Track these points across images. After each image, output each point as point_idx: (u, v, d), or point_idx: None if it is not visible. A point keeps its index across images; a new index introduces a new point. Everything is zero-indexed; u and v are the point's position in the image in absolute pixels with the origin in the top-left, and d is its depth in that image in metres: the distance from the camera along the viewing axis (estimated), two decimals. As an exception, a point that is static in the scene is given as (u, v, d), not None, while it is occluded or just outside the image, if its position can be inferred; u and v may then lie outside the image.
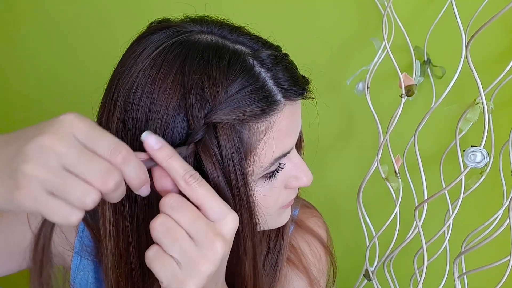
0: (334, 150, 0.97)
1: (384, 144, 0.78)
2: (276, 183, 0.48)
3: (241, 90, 0.42)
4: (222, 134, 0.41)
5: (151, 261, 0.38)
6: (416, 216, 0.74)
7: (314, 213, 0.65)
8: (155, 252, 0.38)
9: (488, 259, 0.68)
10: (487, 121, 0.64)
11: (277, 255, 0.56)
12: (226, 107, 0.41)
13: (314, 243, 0.61)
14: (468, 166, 0.65)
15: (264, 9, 0.92)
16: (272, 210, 0.49)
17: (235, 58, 0.43)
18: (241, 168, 0.42)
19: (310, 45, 0.90)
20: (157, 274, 0.38)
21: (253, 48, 0.45)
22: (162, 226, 0.38)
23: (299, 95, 0.46)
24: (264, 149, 0.44)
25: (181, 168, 0.39)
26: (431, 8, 0.81)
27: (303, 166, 0.49)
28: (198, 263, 0.38)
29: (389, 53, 0.75)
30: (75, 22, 1.07)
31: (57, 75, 1.13)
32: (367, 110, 0.80)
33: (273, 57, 0.45)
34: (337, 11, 0.88)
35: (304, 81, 0.47)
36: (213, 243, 0.38)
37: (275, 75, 0.44)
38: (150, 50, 0.44)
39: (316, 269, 0.60)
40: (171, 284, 0.38)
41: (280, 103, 0.44)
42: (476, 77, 0.63)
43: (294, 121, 0.47)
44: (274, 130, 0.44)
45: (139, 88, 0.43)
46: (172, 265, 0.38)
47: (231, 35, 0.45)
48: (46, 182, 0.33)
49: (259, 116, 0.43)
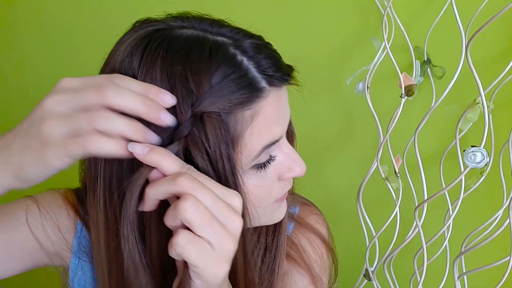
0: (334, 150, 0.97)
1: (384, 144, 0.78)
2: (268, 174, 0.47)
3: (224, 79, 0.42)
4: (208, 124, 0.41)
5: (184, 248, 0.38)
6: (416, 216, 0.74)
7: (314, 211, 0.65)
8: (187, 237, 0.38)
9: (488, 259, 0.68)
10: (487, 121, 0.64)
11: (274, 252, 0.56)
12: (211, 96, 0.41)
13: (315, 240, 0.61)
14: (468, 166, 0.65)
15: (264, 9, 0.92)
16: (266, 202, 0.49)
17: (216, 48, 0.43)
18: (229, 156, 0.42)
19: (310, 45, 0.91)
20: (192, 259, 0.38)
21: (234, 38, 0.45)
22: (195, 208, 0.38)
23: (284, 81, 0.46)
24: (251, 137, 0.44)
25: (176, 164, 0.40)
26: (431, 8, 0.81)
27: (295, 156, 0.49)
28: (227, 241, 0.39)
29: (389, 53, 0.75)
30: (75, 21, 1.07)
31: (56, 75, 1.13)
32: (367, 110, 0.80)
33: (255, 45, 0.45)
34: (337, 11, 0.88)
35: (288, 68, 0.47)
36: (234, 220, 0.39)
37: (258, 62, 0.44)
38: (130, 47, 0.44)
39: (318, 266, 0.60)
40: (208, 267, 0.38)
41: (265, 89, 0.44)
42: (476, 77, 0.63)
43: (280, 108, 0.47)
44: (260, 118, 0.44)
45: None
46: (207, 247, 0.38)
47: (212, 28, 0.46)
48: (65, 126, 0.38)
49: (244, 104, 0.43)
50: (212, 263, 0.38)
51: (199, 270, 0.38)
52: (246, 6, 0.92)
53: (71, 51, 1.10)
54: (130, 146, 0.40)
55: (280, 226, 0.57)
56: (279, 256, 0.56)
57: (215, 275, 0.39)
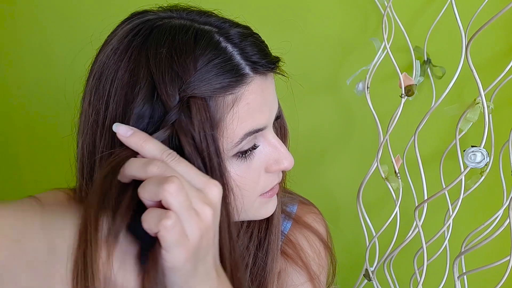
0: (334, 150, 0.97)
1: (384, 144, 0.78)
2: (254, 165, 0.48)
3: (208, 63, 0.43)
4: (194, 108, 0.42)
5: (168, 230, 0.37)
6: (416, 216, 0.74)
7: (312, 210, 0.65)
8: (174, 221, 0.37)
9: (488, 259, 0.68)
10: (487, 121, 0.64)
11: (266, 248, 0.56)
12: (196, 80, 0.42)
13: (313, 239, 0.61)
14: (468, 166, 0.65)
15: (264, 9, 0.92)
16: (252, 194, 0.49)
17: (201, 34, 0.44)
18: (213, 136, 0.42)
19: (310, 45, 0.91)
20: (167, 238, 0.37)
21: (221, 27, 0.46)
22: (179, 192, 0.37)
23: (269, 69, 0.46)
24: (233, 122, 0.44)
25: (156, 149, 0.40)
26: (431, 8, 0.81)
27: (283, 149, 0.49)
28: (196, 228, 0.38)
29: (389, 53, 0.75)
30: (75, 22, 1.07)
31: (56, 75, 1.13)
32: (367, 110, 0.80)
33: (241, 33, 0.46)
34: (337, 11, 0.88)
35: (274, 57, 0.48)
36: (205, 210, 0.39)
37: (243, 49, 0.45)
38: (118, 34, 0.46)
39: (315, 264, 0.60)
40: (175, 248, 0.38)
41: (248, 76, 0.45)
42: (476, 77, 0.63)
43: (265, 96, 0.47)
44: (242, 104, 0.44)
45: (106, 74, 0.44)
46: (181, 230, 0.38)
47: (199, 18, 0.47)
48: None
49: (226, 89, 0.43)
50: (181, 247, 0.38)
51: (169, 250, 0.38)
52: (246, 6, 0.92)
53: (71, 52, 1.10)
54: (115, 126, 0.41)
55: (272, 222, 0.56)
56: (272, 252, 0.56)
57: (177, 259, 0.38)
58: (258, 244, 0.56)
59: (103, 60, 0.45)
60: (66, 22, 1.08)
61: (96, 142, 0.45)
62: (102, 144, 0.44)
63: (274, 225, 0.57)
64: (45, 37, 1.11)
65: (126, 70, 0.43)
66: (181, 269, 0.39)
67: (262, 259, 0.56)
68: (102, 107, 0.44)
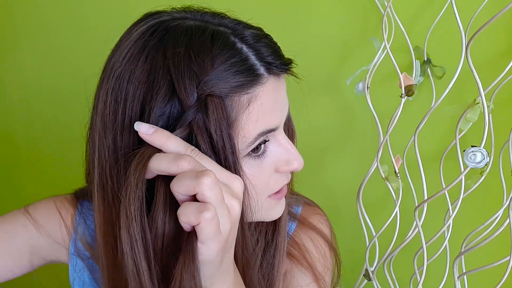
0: (334, 150, 0.97)
1: (384, 144, 0.78)
2: (265, 165, 0.48)
3: (225, 62, 0.43)
4: (211, 107, 0.42)
5: (209, 223, 0.38)
6: (416, 216, 0.74)
7: (317, 211, 0.65)
8: (213, 213, 0.38)
9: (488, 259, 0.68)
10: (487, 121, 0.64)
11: (274, 250, 0.56)
12: (214, 79, 0.42)
13: (318, 240, 0.61)
14: (468, 166, 0.65)
15: (264, 9, 0.92)
16: (261, 194, 0.49)
17: (217, 35, 0.44)
18: (229, 136, 0.43)
19: (310, 45, 0.90)
20: (206, 230, 0.38)
21: (235, 28, 0.47)
22: (215, 185, 0.38)
23: (282, 70, 0.47)
24: (247, 122, 0.44)
25: (180, 145, 0.41)
26: (431, 8, 0.81)
27: (293, 149, 0.50)
28: (227, 223, 0.40)
29: (389, 53, 0.75)
30: (74, 24, 1.07)
31: (55, 77, 1.13)
32: (367, 110, 0.80)
33: (255, 35, 0.46)
34: (337, 11, 0.88)
35: (287, 59, 0.48)
36: (235, 204, 0.40)
37: (257, 50, 0.45)
38: (134, 34, 0.46)
39: (321, 265, 0.60)
40: (212, 242, 0.39)
41: (263, 76, 0.45)
42: (476, 77, 0.63)
43: (277, 97, 0.47)
44: (256, 104, 0.45)
45: (122, 74, 0.44)
46: (217, 223, 0.39)
47: (213, 19, 0.47)
48: None
49: (243, 88, 0.44)
50: (216, 240, 0.39)
51: (205, 242, 0.38)
52: (246, 6, 0.92)
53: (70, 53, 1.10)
54: (136, 125, 0.42)
55: (279, 223, 0.57)
56: (279, 254, 0.57)
57: (212, 252, 0.39)
58: (266, 245, 0.56)
59: (119, 61, 0.45)
60: (72, 23, 1.08)
61: (117, 142, 0.45)
62: (122, 144, 0.45)
63: (282, 227, 0.57)
64: (48, 38, 1.11)
65: (144, 69, 0.43)
66: (212, 262, 0.40)
67: (269, 260, 0.56)
68: (120, 107, 0.44)
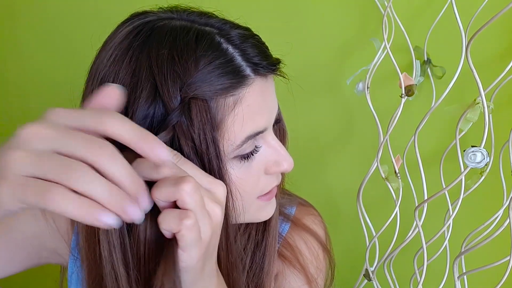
0: (334, 150, 0.97)
1: (384, 144, 0.79)
2: (254, 166, 0.47)
3: (209, 64, 0.42)
4: (194, 110, 0.41)
5: (189, 230, 0.37)
6: (416, 216, 0.74)
7: (311, 211, 0.64)
8: (194, 220, 0.37)
9: (488, 259, 0.68)
10: (487, 121, 0.64)
11: (264, 250, 0.56)
12: (198, 81, 0.42)
13: (311, 241, 0.61)
14: (468, 166, 0.65)
15: (264, 9, 0.92)
16: (251, 195, 0.49)
17: (201, 35, 0.44)
18: (213, 139, 0.42)
19: (310, 45, 0.90)
20: (187, 237, 0.37)
21: (221, 28, 0.46)
22: (195, 191, 0.37)
23: (269, 70, 0.46)
24: (234, 124, 0.44)
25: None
26: (431, 8, 0.81)
27: (282, 150, 0.49)
28: (208, 228, 0.39)
29: (389, 53, 0.75)
30: (73, 21, 1.07)
31: (55, 74, 1.13)
32: (367, 110, 0.80)
33: (242, 35, 0.46)
34: (337, 11, 0.88)
35: (275, 59, 0.48)
36: (215, 209, 0.39)
37: (244, 50, 0.45)
38: (119, 35, 0.45)
39: (313, 267, 0.60)
40: (192, 248, 0.38)
41: (249, 77, 0.44)
42: (476, 77, 0.63)
43: (265, 99, 0.47)
44: (243, 106, 0.44)
45: (107, 76, 0.44)
46: (198, 230, 0.38)
47: (200, 19, 0.47)
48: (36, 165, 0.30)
49: (228, 90, 0.43)
50: (196, 246, 0.38)
51: (186, 249, 0.38)
52: (246, 6, 0.92)
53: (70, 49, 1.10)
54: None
55: (270, 224, 0.56)
56: (269, 254, 0.56)
57: (192, 258, 0.39)
58: (255, 246, 0.56)
59: (103, 62, 0.45)
60: (65, 23, 1.08)
61: None
62: None
63: (272, 227, 0.56)
64: (45, 38, 1.12)
65: (127, 71, 0.43)
66: (193, 268, 0.39)
67: (259, 261, 0.56)
68: None
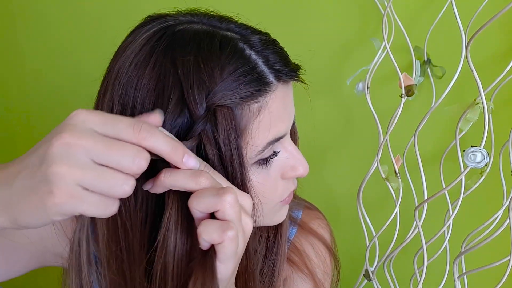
0: (334, 150, 0.97)
1: (384, 144, 0.78)
2: (272, 171, 0.47)
3: (234, 72, 0.42)
4: (220, 117, 0.41)
5: (226, 235, 0.37)
6: (416, 216, 0.74)
7: (317, 215, 0.64)
8: (236, 232, 0.37)
9: (488, 259, 0.68)
10: (487, 121, 0.64)
11: (275, 255, 0.56)
12: (223, 89, 0.41)
13: (318, 245, 0.61)
14: (468, 166, 0.65)
15: (264, 9, 0.92)
16: (271, 201, 0.49)
17: (225, 41, 0.43)
18: (237, 147, 0.42)
19: (310, 45, 0.90)
20: (227, 249, 0.38)
21: (242, 34, 0.46)
22: (236, 203, 0.38)
23: (291, 77, 0.46)
24: (258, 131, 0.44)
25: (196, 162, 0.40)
26: (431, 8, 0.81)
27: (299, 155, 0.49)
28: (243, 241, 0.39)
29: (389, 53, 0.75)
30: (72, 23, 1.07)
31: (55, 77, 1.13)
32: (367, 110, 0.80)
33: (263, 41, 0.46)
34: (337, 11, 0.88)
35: (295, 65, 0.48)
36: (248, 221, 0.40)
37: (266, 57, 0.45)
38: (140, 39, 0.44)
39: (321, 271, 0.60)
40: (230, 261, 0.39)
41: (272, 84, 0.44)
42: (476, 77, 0.63)
43: (286, 104, 0.47)
44: (266, 112, 0.44)
45: (129, 81, 0.43)
46: (236, 242, 0.38)
47: (221, 24, 0.46)
48: (82, 179, 0.33)
49: (252, 97, 0.43)
50: (234, 258, 0.39)
51: (224, 261, 0.38)
52: (246, 6, 0.92)
53: (69, 51, 1.10)
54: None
55: (281, 228, 0.56)
56: (280, 259, 0.56)
57: (228, 270, 0.39)
58: (267, 250, 0.56)
59: (125, 66, 0.43)
60: (65, 23, 1.08)
61: None
62: None
63: (283, 231, 0.57)
64: (50, 38, 1.12)
65: (152, 77, 0.42)
66: (226, 280, 0.39)
67: (270, 266, 0.56)
68: (127, 114, 0.43)
